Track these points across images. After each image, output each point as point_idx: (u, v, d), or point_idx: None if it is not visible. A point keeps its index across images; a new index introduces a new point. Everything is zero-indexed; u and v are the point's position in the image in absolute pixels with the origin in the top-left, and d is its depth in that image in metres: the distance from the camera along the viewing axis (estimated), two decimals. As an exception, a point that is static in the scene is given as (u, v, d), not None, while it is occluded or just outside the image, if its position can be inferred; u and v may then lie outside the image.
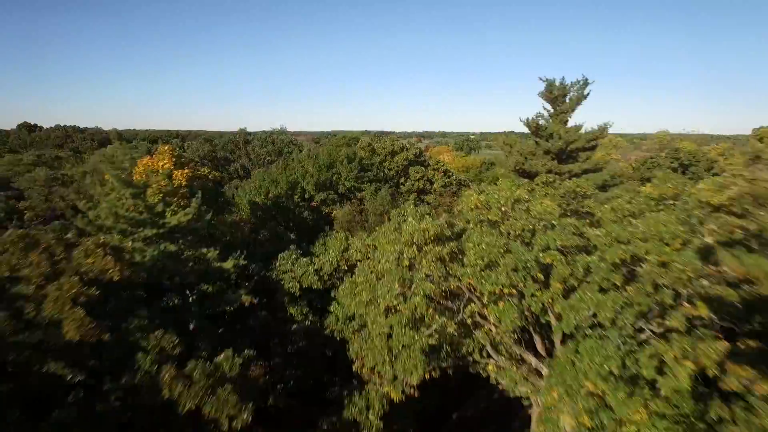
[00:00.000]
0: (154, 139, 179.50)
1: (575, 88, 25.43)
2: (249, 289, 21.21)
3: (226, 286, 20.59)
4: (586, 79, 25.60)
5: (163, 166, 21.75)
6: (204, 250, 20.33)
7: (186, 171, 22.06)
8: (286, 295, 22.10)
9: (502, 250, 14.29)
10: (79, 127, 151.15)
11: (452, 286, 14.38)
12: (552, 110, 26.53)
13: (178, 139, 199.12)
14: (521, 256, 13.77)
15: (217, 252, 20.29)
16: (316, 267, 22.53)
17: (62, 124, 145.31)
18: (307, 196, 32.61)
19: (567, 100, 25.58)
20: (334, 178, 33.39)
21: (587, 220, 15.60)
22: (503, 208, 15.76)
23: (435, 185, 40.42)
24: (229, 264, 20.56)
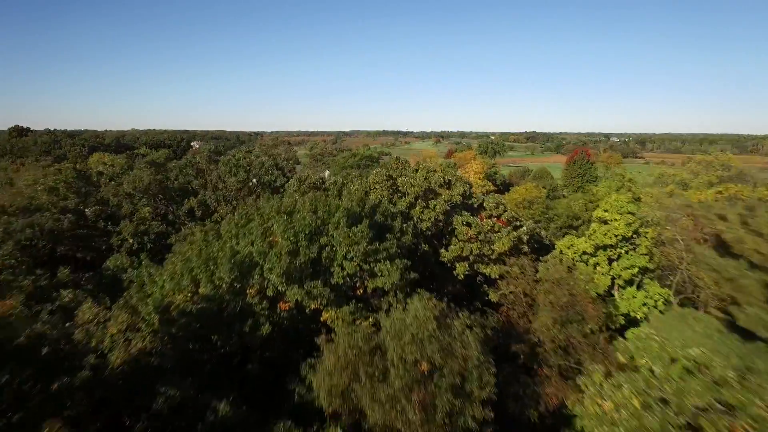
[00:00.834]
0: (156, 144, 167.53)
1: None
2: None
3: None
4: None
5: None
6: None
7: None
8: None
9: None
10: (68, 130, 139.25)
11: None
12: None
13: (183, 141, 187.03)
14: None
15: None
16: None
17: (51, 128, 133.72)
18: (270, 293, 17.08)
19: None
20: (323, 255, 17.72)
21: None
22: None
23: (497, 246, 24.41)
24: None
